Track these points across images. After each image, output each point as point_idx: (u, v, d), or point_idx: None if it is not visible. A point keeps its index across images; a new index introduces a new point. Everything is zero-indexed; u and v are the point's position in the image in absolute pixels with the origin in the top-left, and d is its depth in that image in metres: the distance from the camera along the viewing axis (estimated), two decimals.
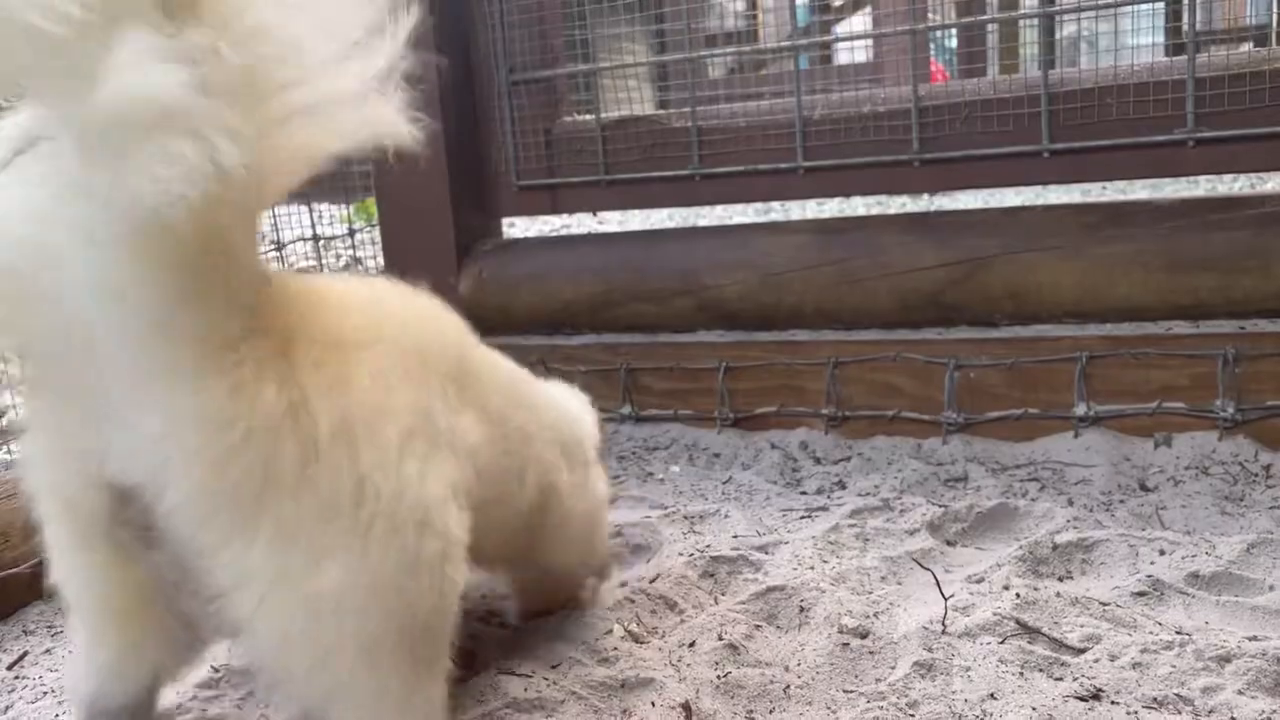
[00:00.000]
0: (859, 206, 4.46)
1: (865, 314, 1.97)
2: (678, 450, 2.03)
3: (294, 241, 2.20)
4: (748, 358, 2.03)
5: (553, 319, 2.23)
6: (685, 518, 1.63)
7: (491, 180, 2.31)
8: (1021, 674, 1.11)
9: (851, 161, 2.00)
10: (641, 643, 1.23)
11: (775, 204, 3.96)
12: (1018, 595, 1.26)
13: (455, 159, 2.25)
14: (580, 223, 4.32)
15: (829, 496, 1.71)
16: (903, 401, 1.92)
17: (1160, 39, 2.08)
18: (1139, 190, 4.12)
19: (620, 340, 2.16)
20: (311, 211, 2.22)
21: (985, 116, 1.89)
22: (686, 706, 1.03)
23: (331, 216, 3.24)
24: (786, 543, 1.49)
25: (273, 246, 2.13)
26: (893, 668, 1.15)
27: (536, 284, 2.23)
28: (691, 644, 1.20)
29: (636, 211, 4.35)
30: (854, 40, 5.28)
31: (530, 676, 1.12)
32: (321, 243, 2.41)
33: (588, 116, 2.24)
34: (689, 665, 1.15)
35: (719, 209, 4.01)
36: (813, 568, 1.39)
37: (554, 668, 1.15)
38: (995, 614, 1.22)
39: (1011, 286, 1.87)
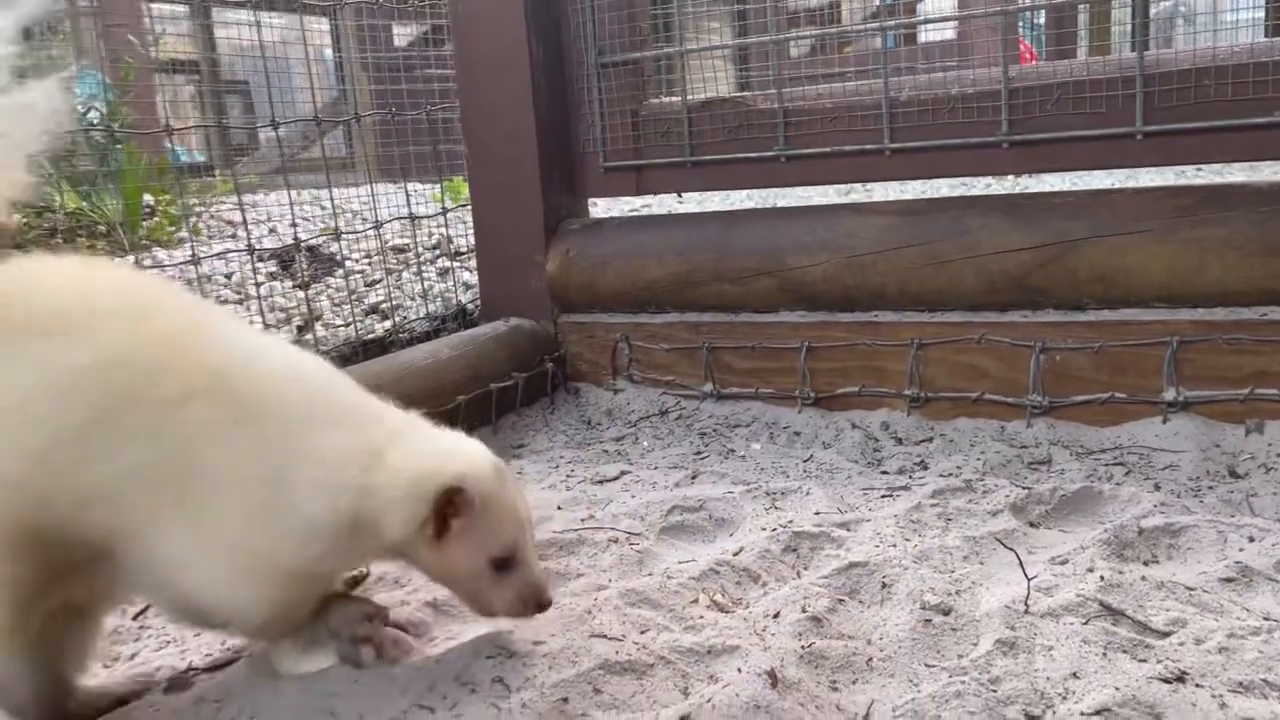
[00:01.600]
0: (942, 188, 4.41)
1: (950, 296, 1.97)
2: (758, 428, 2.06)
3: (391, 220, 2.28)
4: (830, 338, 2.04)
5: (637, 297, 2.27)
6: (767, 494, 1.66)
7: (579, 161, 2.36)
8: (1105, 654, 1.12)
9: (939, 143, 2.00)
10: (726, 612, 1.27)
11: (856, 186, 3.94)
12: (1102, 578, 1.27)
13: (545, 140, 2.30)
14: (661, 203, 4.35)
15: (910, 476, 1.73)
16: (986, 384, 1.92)
17: (1260, 16, 2.03)
18: (1235, 173, 4.00)
19: (703, 319, 2.20)
20: (407, 191, 2.29)
21: (1077, 98, 1.87)
22: (772, 674, 1.07)
23: (424, 196, 3.33)
24: (868, 520, 1.51)
25: (371, 225, 2.21)
26: (975, 644, 1.17)
27: (622, 263, 2.27)
28: (775, 615, 1.23)
29: (716, 193, 4.37)
30: (942, 21, 5.19)
31: (621, 640, 1.17)
32: (416, 221, 2.49)
33: (674, 99, 2.27)
34: (773, 635, 1.19)
35: (799, 190, 4.01)
36: (894, 545, 1.41)
37: (643, 633, 1.20)
38: (1079, 595, 1.23)
39: (1100, 270, 1.85)
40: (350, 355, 2.22)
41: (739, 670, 1.09)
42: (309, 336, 2.23)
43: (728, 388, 2.17)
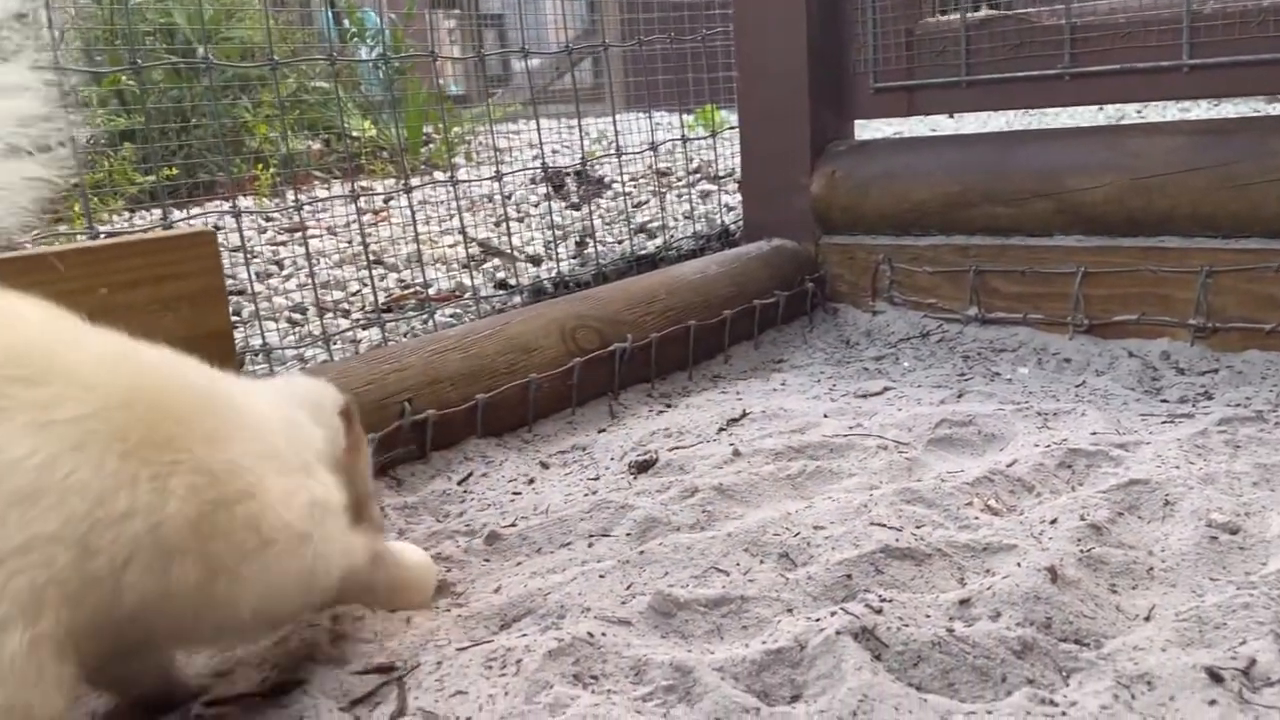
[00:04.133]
0: (1227, 109, 4.05)
1: (1247, 221, 1.87)
2: (1025, 353, 2.04)
3: (665, 142, 2.39)
4: (1109, 263, 1.99)
5: (902, 220, 2.28)
6: (1038, 414, 1.67)
7: (849, 82, 2.38)
8: None
9: (1245, 59, 1.87)
10: (1000, 516, 1.31)
11: (1131, 107, 3.70)
12: None
13: (815, 61, 2.33)
14: (911, 128, 4.25)
15: (1194, 405, 1.68)
16: None
17: None
18: None
19: (971, 242, 2.18)
20: (650, 118, 2.40)
21: None
22: (1052, 570, 1.11)
23: (670, 124, 3.44)
24: (1148, 443, 1.50)
25: (648, 147, 2.33)
26: (1264, 564, 1.16)
27: (888, 184, 2.29)
28: (1053, 521, 1.26)
29: (973, 116, 4.21)
30: None
31: (899, 530, 1.24)
32: (678, 146, 2.58)
33: (951, 16, 2.23)
34: (1050, 539, 1.22)
35: (1072, 112, 3.82)
36: (1178, 467, 1.40)
37: (919, 527, 1.26)
38: None
39: None
40: (625, 269, 2.37)
41: (1018, 565, 1.13)
42: (588, 251, 2.39)
43: (993, 312, 2.16)
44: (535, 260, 2.64)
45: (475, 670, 1.01)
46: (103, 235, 1.94)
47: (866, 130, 2.57)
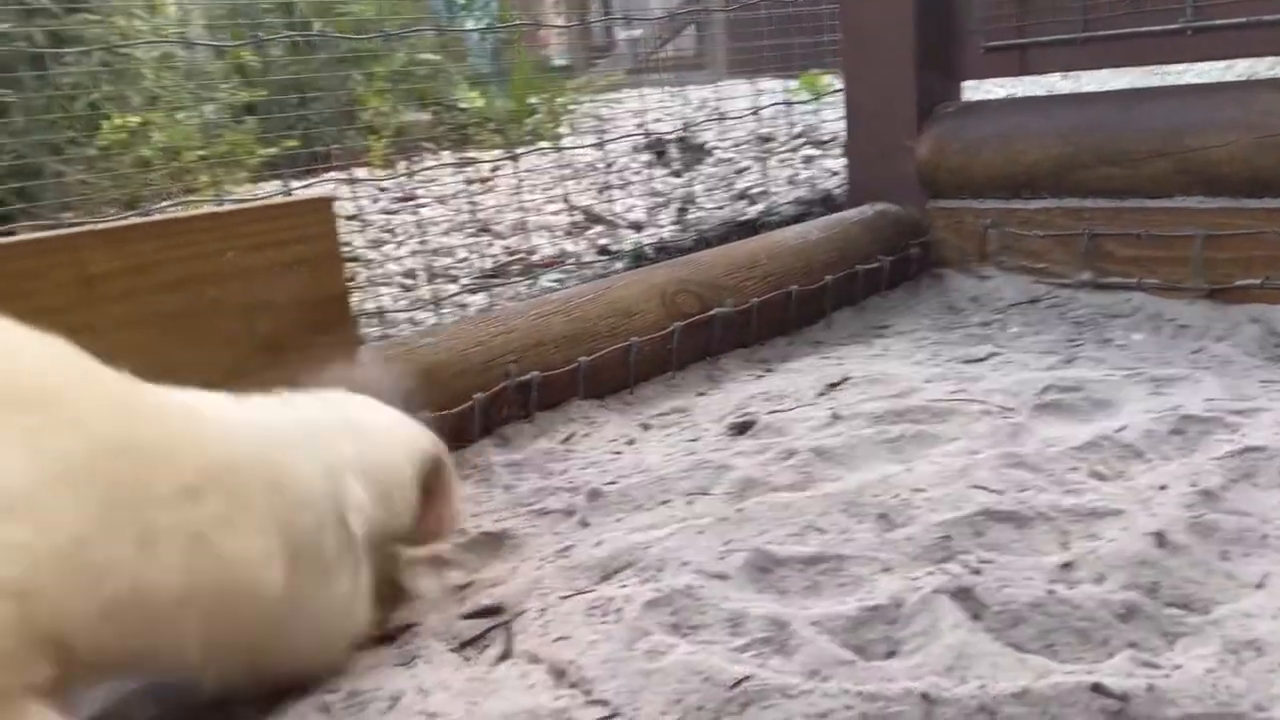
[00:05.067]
0: None
1: None
2: (1140, 319, 1.98)
3: (768, 107, 2.38)
4: (1233, 225, 1.91)
5: (1012, 183, 2.22)
6: (1151, 379, 1.62)
7: (957, 42, 2.32)
8: None
9: None
10: (1107, 481, 1.28)
11: (1264, 64, 3.50)
12: None
13: (923, 22, 2.28)
14: (1009, 90, 4.12)
15: None
16: None
17: None
18: None
19: (1084, 205, 2.12)
20: (753, 83, 2.38)
21: None
22: (1160, 535, 1.09)
23: (772, 90, 3.40)
24: (1269, 410, 1.44)
25: (751, 112, 2.33)
26: None
27: (998, 146, 2.23)
28: (1162, 487, 1.23)
29: (1089, 76, 4.06)
30: None
31: (1000, 494, 1.23)
32: (778, 112, 2.57)
33: None
34: (1159, 504, 1.19)
35: (1198, 70, 3.64)
36: None
37: (1021, 491, 1.25)
38: None
39: None
40: (725, 235, 2.38)
41: (1124, 529, 1.12)
42: (689, 217, 2.41)
43: (1106, 276, 2.09)
44: (637, 226, 2.66)
45: (578, 617, 1.05)
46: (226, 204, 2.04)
47: (977, 92, 2.51)
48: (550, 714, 0.88)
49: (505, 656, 1.02)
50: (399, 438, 1.04)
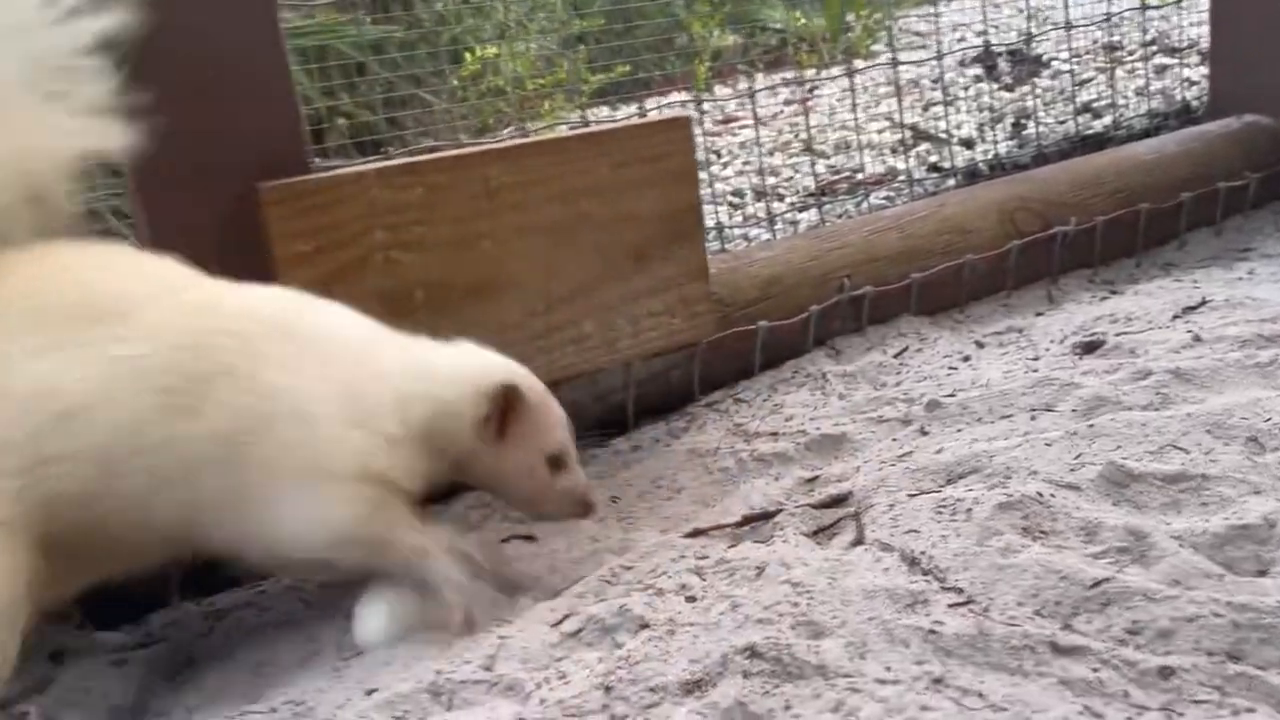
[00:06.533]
0: None
1: None
2: None
3: (1122, 12, 2.22)
4: None
5: None
6: None
7: None
8: None
9: None
10: None
11: None
12: None
13: None
14: None
15: None
16: None
17: None
18: None
19: None
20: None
21: None
22: None
23: None
24: None
25: (1102, 18, 2.18)
26: None
27: None
28: None
29: None
30: None
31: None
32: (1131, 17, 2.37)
33: None
34: None
35: None
36: None
37: (1209, 452, 1.14)
38: None
39: None
40: (1069, 150, 2.26)
41: None
42: (1026, 132, 2.31)
43: None
44: (968, 143, 2.59)
45: (926, 514, 1.10)
46: (563, 129, 2.20)
47: None
48: (908, 594, 0.94)
49: (858, 542, 1.09)
50: (463, 368, 1.11)
